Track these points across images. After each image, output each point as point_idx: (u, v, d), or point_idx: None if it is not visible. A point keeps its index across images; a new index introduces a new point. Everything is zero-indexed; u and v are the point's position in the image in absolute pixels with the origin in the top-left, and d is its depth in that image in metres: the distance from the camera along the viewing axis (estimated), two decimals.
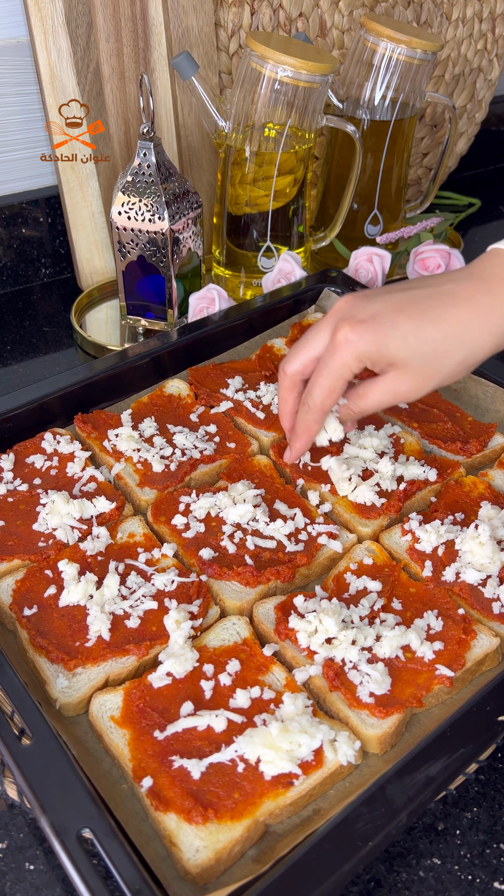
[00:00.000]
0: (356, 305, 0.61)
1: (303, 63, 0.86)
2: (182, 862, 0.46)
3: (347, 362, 0.60)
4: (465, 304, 0.59)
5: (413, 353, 0.59)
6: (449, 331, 0.59)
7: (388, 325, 0.59)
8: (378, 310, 0.60)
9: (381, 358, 0.60)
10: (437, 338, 0.59)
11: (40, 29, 0.90)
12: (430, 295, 0.60)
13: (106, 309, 1.05)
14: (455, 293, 0.60)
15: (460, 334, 0.59)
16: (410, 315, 0.59)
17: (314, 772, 0.51)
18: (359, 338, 0.59)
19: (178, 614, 0.59)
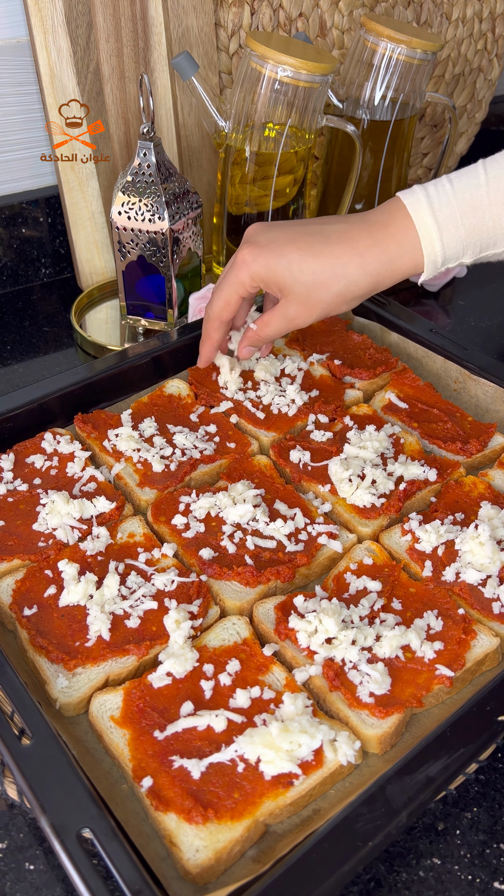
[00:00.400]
0: (258, 232, 0.70)
1: (303, 63, 0.86)
2: (182, 862, 0.46)
3: (242, 279, 0.69)
4: (346, 243, 0.66)
5: (296, 281, 0.67)
6: (328, 264, 0.66)
7: (278, 252, 0.67)
8: (274, 237, 0.68)
9: (271, 281, 0.68)
10: (316, 269, 0.66)
11: (40, 29, 0.90)
12: (320, 231, 0.67)
13: (106, 309, 1.05)
14: (341, 232, 0.67)
15: (338, 269, 0.66)
16: (298, 246, 0.67)
17: (314, 772, 0.51)
18: (253, 259, 0.68)
19: (178, 614, 0.59)
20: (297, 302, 0.68)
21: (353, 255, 0.66)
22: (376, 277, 0.66)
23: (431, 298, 1.12)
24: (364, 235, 0.66)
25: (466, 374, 0.83)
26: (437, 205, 0.64)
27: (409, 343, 0.88)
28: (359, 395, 0.84)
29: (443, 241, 0.65)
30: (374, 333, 0.91)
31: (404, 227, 0.65)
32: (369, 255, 0.66)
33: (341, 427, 0.79)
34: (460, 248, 0.65)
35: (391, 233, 0.66)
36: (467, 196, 0.64)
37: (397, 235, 0.65)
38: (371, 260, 0.66)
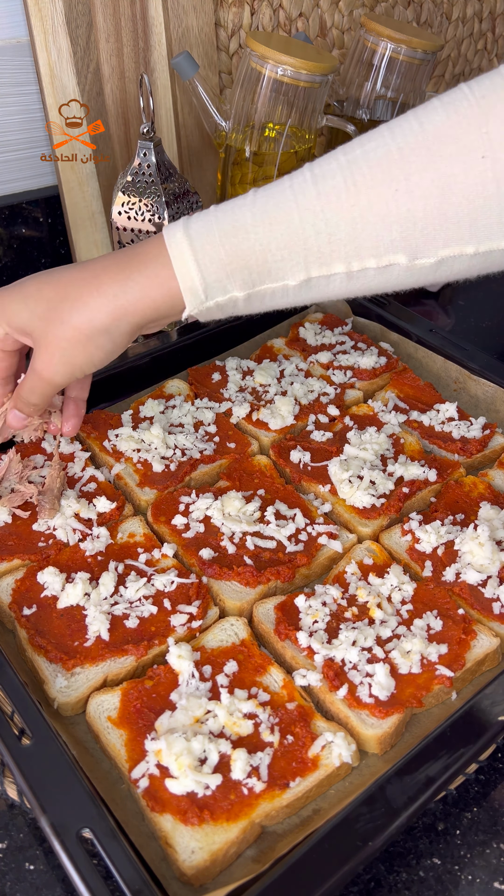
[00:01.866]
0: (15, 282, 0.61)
1: (303, 63, 0.86)
2: (178, 863, 0.46)
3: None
4: (85, 267, 0.57)
5: (31, 315, 0.57)
6: (61, 290, 0.57)
7: (17, 290, 0.58)
8: (20, 280, 0.60)
9: (12, 323, 0.58)
10: (51, 297, 0.57)
11: (40, 29, 0.90)
12: (73, 265, 0.59)
13: None
14: (92, 262, 0.58)
15: (73, 295, 0.56)
16: (39, 280, 0.58)
17: (310, 774, 0.51)
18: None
19: (177, 616, 0.59)
20: (38, 347, 0.58)
21: (90, 278, 0.56)
22: (116, 301, 0.55)
23: (431, 298, 1.11)
24: (106, 259, 0.58)
25: (466, 374, 0.83)
26: (194, 228, 0.55)
27: (409, 343, 0.88)
28: (359, 395, 0.84)
29: (197, 260, 0.54)
30: (373, 333, 0.91)
31: (152, 247, 0.56)
32: (105, 275, 0.56)
33: (341, 427, 0.79)
34: (223, 276, 0.55)
35: (136, 253, 0.57)
36: (229, 217, 0.55)
37: (141, 255, 0.56)
38: (107, 282, 0.56)
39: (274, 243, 0.53)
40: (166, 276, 0.55)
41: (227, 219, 0.54)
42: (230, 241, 0.54)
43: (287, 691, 0.55)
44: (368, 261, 0.53)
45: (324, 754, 0.52)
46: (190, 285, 0.55)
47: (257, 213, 0.54)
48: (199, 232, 0.54)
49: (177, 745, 0.50)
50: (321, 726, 0.53)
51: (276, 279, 0.55)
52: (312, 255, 0.53)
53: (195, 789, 0.49)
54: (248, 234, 0.54)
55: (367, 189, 0.51)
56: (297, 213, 0.53)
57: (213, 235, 0.54)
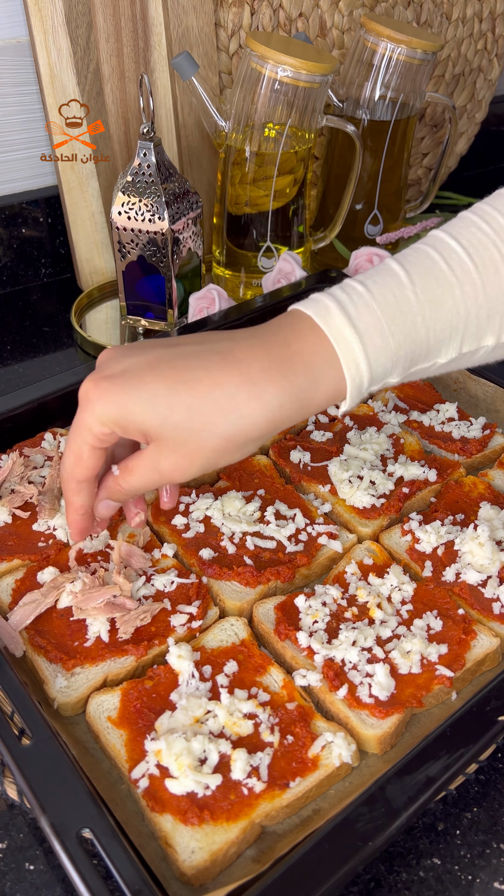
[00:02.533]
0: (112, 358, 0.51)
1: (303, 63, 0.86)
2: (178, 863, 0.46)
3: (88, 424, 0.50)
4: (233, 366, 0.48)
5: (164, 422, 0.48)
6: (207, 397, 0.47)
7: (135, 384, 0.48)
8: (131, 365, 0.49)
9: (128, 422, 0.49)
10: (191, 404, 0.47)
11: (40, 29, 0.90)
12: (196, 353, 0.49)
13: (106, 309, 1.05)
14: (226, 353, 0.49)
15: (223, 402, 0.48)
16: (163, 374, 0.48)
17: (310, 774, 0.51)
18: (99, 396, 0.49)
19: (177, 616, 0.59)
20: (169, 449, 0.49)
21: (242, 381, 0.48)
22: (278, 412, 0.48)
23: None
24: (258, 355, 0.49)
25: (466, 374, 0.83)
26: (353, 311, 0.49)
27: None
28: None
29: (368, 356, 0.49)
30: None
31: (313, 344, 0.49)
32: (266, 382, 0.48)
33: (341, 427, 0.79)
34: (390, 365, 0.50)
35: (295, 352, 0.49)
36: (390, 298, 0.50)
37: (304, 355, 0.49)
38: (269, 388, 0.48)
39: (439, 324, 0.50)
40: (334, 377, 0.49)
41: (389, 301, 0.50)
42: (398, 327, 0.49)
43: (287, 691, 0.55)
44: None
45: (324, 754, 0.52)
46: (357, 381, 0.50)
47: (420, 294, 0.50)
48: (364, 321, 0.49)
49: (177, 746, 0.50)
50: (321, 726, 0.54)
51: (431, 359, 0.52)
52: (470, 330, 0.51)
53: (195, 789, 0.49)
54: (415, 318, 0.50)
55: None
56: (460, 290, 0.50)
57: (380, 324, 0.49)
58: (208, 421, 0.48)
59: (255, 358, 0.49)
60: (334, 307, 0.50)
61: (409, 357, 0.51)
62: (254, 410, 0.48)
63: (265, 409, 0.48)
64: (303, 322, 0.50)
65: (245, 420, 0.48)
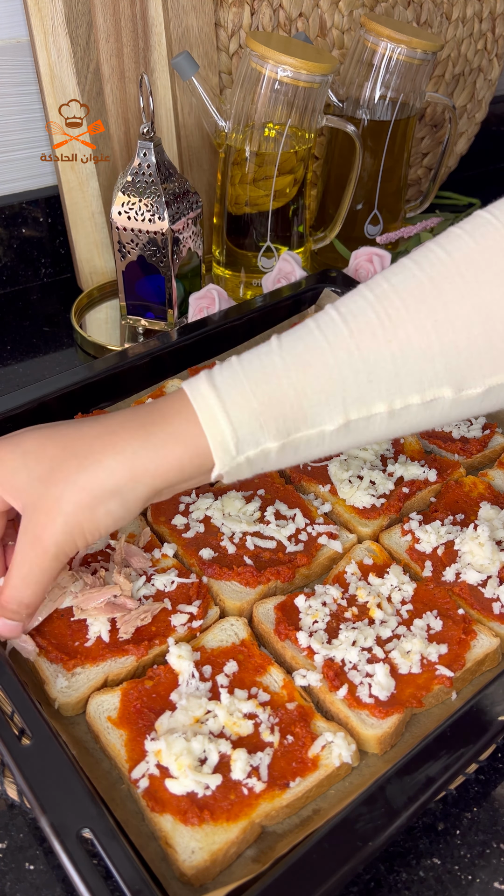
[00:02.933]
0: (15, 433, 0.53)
1: (303, 63, 0.86)
2: (178, 863, 0.46)
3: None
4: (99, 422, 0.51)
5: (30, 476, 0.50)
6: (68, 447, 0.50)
7: (11, 445, 0.51)
8: (21, 432, 0.53)
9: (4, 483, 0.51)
10: (54, 455, 0.50)
11: (40, 29, 0.90)
12: (83, 420, 0.53)
13: (106, 309, 1.05)
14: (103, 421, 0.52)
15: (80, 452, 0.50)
16: (42, 434, 0.51)
17: (310, 774, 0.51)
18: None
19: (177, 616, 0.59)
20: (33, 509, 0.50)
21: (102, 432, 0.51)
22: (134, 461, 0.49)
23: None
24: (125, 414, 0.52)
25: None
26: (216, 373, 0.50)
27: None
28: None
29: (227, 412, 0.49)
30: None
31: (174, 402, 0.51)
32: (122, 431, 0.50)
33: None
34: (256, 427, 0.49)
35: (156, 408, 0.51)
36: (256, 364, 0.50)
37: (163, 410, 0.51)
38: (124, 435, 0.50)
39: (310, 387, 0.49)
40: (193, 434, 0.50)
41: (254, 366, 0.50)
42: (261, 388, 0.49)
43: (287, 691, 0.55)
44: (412, 397, 0.50)
45: (324, 754, 0.52)
46: (220, 440, 0.49)
47: (287, 357, 0.50)
48: (225, 382, 0.50)
49: (177, 746, 0.50)
50: (321, 726, 0.54)
51: (313, 425, 0.50)
52: (351, 395, 0.50)
53: (195, 789, 0.49)
54: (280, 380, 0.49)
55: (403, 322, 0.49)
56: (332, 354, 0.49)
57: (241, 384, 0.49)
58: (68, 471, 0.49)
59: (119, 416, 0.52)
60: (202, 375, 0.51)
61: (281, 420, 0.50)
62: (109, 459, 0.49)
63: (122, 456, 0.49)
64: (176, 392, 0.52)
65: (102, 468, 0.49)
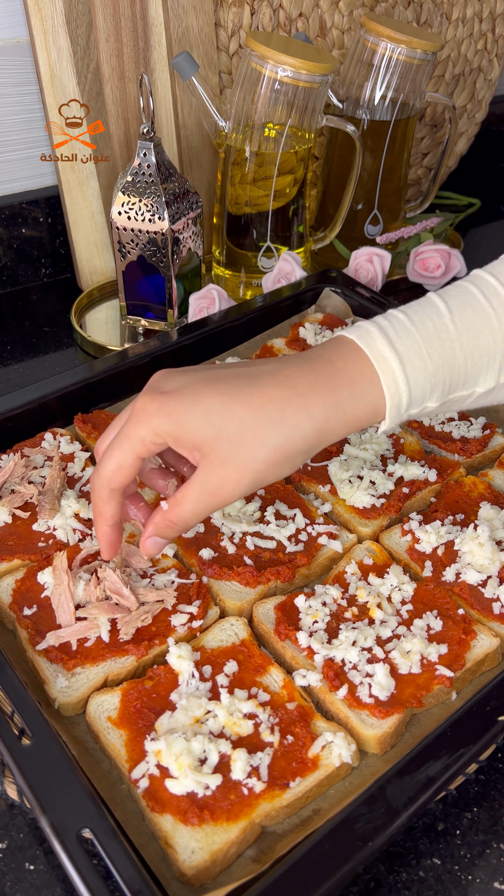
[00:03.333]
0: (166, 378, 0.54)
1: (303, 63, 0.86)
2: (178, 863, 0.46)
3: (141, 434, 0.52)
4: (283, 382, 0.52)
5: (217, 434, 0.50)
6: (259, 409, 0.50)
7: (191, 399, 0.51)
8: (186, 382, 0.52)
9: (183, 436, 0.51)
10: (245, 416, 0.50)
11: (40, 29, 0.90)
12: (248, 373, 0.53)
13: (106, 309, 1.05)
14: (275, 371, 0.52)
15: (274, 414, 0.50)
16: (219, 389, 0.51)
17: (310, 774, 0.51)
18: (157, 409, 0.51)
19: (177, 616, 0.59)
20: (220, 464, 0.50)
21: (292, 395, 0.51)
22: (324, 424, 0.51)
23: None
24: (305, 373, 0.52)
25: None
26: (394, 335, 0.53)
27: None
28: None
29: (407, 376, 0.52)
30: None
31: (356, 363, 0.52)
32: (313, 395, 0.51)
33: None
34: (428, 387, 0.53)
35: (339, 369, 0.52)
36: (429, 324, 0.53)
37: (348, 372, 0.52)
38: (317, 401, 0.51)
39: (477, 352, 0.54)
40: (375, 395, 0.52)
41: (429, 328, 0.53)
42: (437, 352, 0.53)
43: (287, 691, 0.55)
44: None
45: (324, 754, 0.52)
46: (397, 401, 0.53)
47: (458, 322, 0.54)
48: (405, 345, 0.52)
49: (177, 746, 0.50)
50: (321, 726, 0.54)
51: (469, 386, 0.55)
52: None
53: (195, 789, 0.49)
54: (453, 345, 0.53)
55: None
56: (497, 321, 0.53)
57: (419, 348, 0.53)
58: (260, 432, 0.50)
59: (302, 374, 0.52)
60: (376, 331, 0.53)
61: (448, 382, 0.54)
62: (302, 421, 0.51)
63: (314, 420, 0.51)
64: (347, 345, 0.53)
65: (295, 430, 0.51)
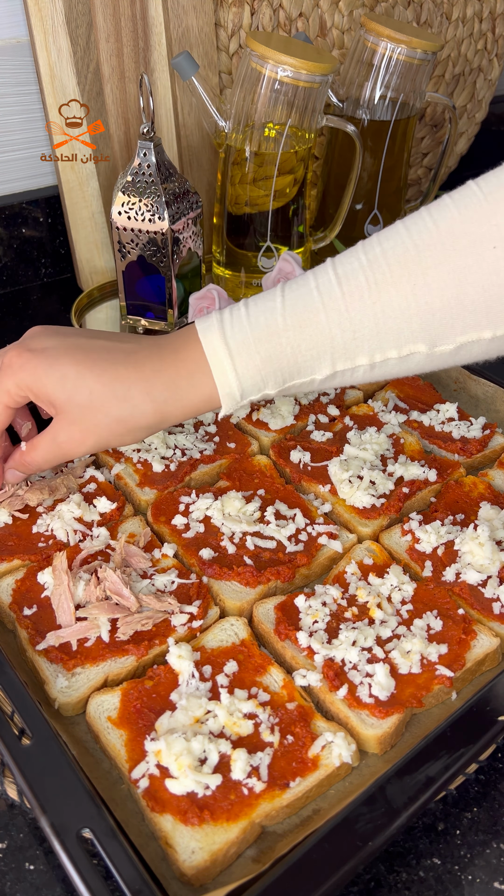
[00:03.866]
0: (37, 336, 0.60)
1: (303, 63, 0.86)
2: (178, 863, 0.46)
3: (7, 387, 0.59)
4: (133, 364, 0.58)
5: (69, 399, 0.57)
6: (108, 385, 0.57)
7: (51, 362, 0.57)
8: (52, 345, 0.59)
9: (40, 391, 0.58)
10: (94, 388, 0.57)
11: (40, 29, 0.90)
12: (107, 347, 0.59)
13: (106, 309, 1.05)
14: (129, 352, 0.58)
15: (119, 391, 0.57)
16: (76, 359, 0.57)
17: (310, 774, 0.51)
18: (20, 366, 0.58)
19: (177, 616, 0.59)
20: (68, 423, 0.58)
21: (138, 377, 0.57)
22: (163, 406, 0.58)
23: None
24: (153, 358, 0.58)
25: (466, 374, 0.83)
26: (229, 331, 0.57)
27: None
28: (359, 395, 0.84)
29: (236, 369, 0.57)
30: None
31: (195, 354, 0.58)
32: (156, 379, 0.57)
33: (341, 427, 0.79)
34: (259, 379, 0.57)
35: (180, 358, 0.58)
36: (261, 321, 0.57)
37: (187, 362, 0.58)
38: (157, 385, 0.57)
39: (304, 344, 0.56)
40: (208, 385, 0.57)
41: (260, 322, 0.57)
42: (265, 346, 0.56)
43: (287, 691, 0.55)
44: (390, 352, 0.56)
45: (324, 754, 0.52)
46: (228, 391, 0.57)
47: (288, 317, 0.56)
48: (233, 336, 0.57)
49: (176, 746, 0.50)
50: (321, 726, 0.54)
51: (305, 375, 0.58)
52: (339, 351, 0.56)
53: (195, 789, 0.49)
54: (280, 339, 0.56)
55: (387, 286, 0.55)
56: (325, 315, 0.56)
57: (248, 343, 0.56)
58: (105, 404, 0.57)
59: (150, 359, 0.58)
60: (216, 325, 0.57)
61: (279, 373, 0.57)
62: (143, 402, 0.57)
63: (154, 402, 0.58)
64: (192, 335, 0.58)
65: (136, 409, 0.58)
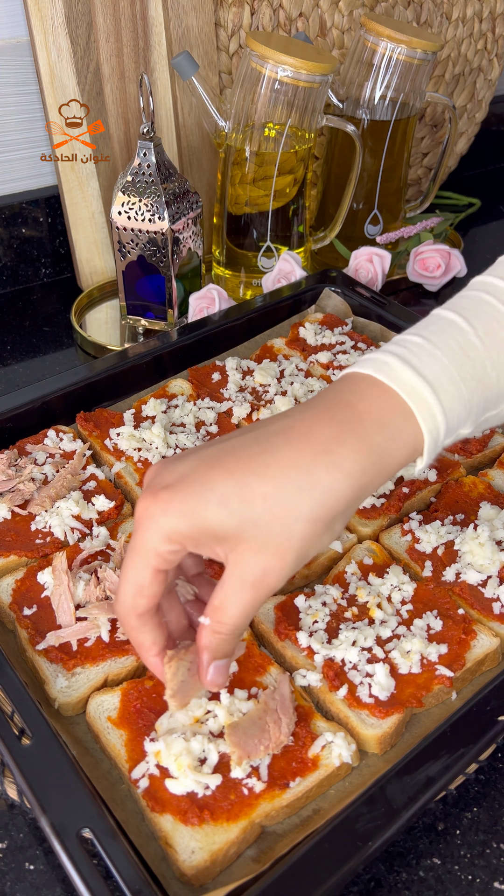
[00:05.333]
0: (163, 469, 0.45)
1: (303, 63, 0.86)
2: (178, 863, 0.46)
3: (151, 544, 0.44)
4: (299, 440, 0.44)
5: (242, 520, 0.42)
6: (282, 479, 0.42)
7: (199, 487, 0.43)
8: (188, 469, 0.44)
9: (202, 533, 0.43)
10: (267, 493, 0.42)
11: (40, 29, 0.90)
12: (255, 439, 0.44)
13: (106, 309, 1.05)
14: (288, 429, 0.44)
15: (299, 481, 0.42)
16: (228, 468, 0.43)
17: (310, 774, 0.51)
18: (163, 510, 0.43)
19: None
20: (254, 552, 0.43)
21: (315, 453, 0.43)
22: (361, 478, 0.44)
23: (431, 298, 1.11)
24: (324, 423, 0.44)
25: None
26: (417, 361, 0.46)
27: None
28: None
29: (442, 405, 0.45)
30: (373, 333, 0.91)
31: (382, 401, 0.45)
32: (341, 448, 0.43)
33: None
34: (464, 413, 0.47)
35: (363, 411, 0.45)
36: (452, 344, 0.47)
37: (374, 413, 0.45)
38: (347, 454, 0.43)
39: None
40: (411, 433, 0.45)
41: (452, 347, 0.46)
42: (468, 373, 0.46)
43: None
44: None
45: (324, 754, 0.52)
46: (434, 434, 0.46)
47: (483, 336, 0.47)
48: (432, 371, 0.45)
49: (176, 746, 0.50)
50: (321, 726, 0.54)
51: (499, 405, 0.49)
52: None
53: (195, 789, 0.49)
54: (484, 363, 0.47)
55: None
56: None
57: (450, 372, 0.46)
58: (291, 506, 0.42)
59: (321, 426, 0.44)
60: (394, 361, 0.46)
61: (483, 403, 0.47)
62: (336, 482, 0.43)
63: (348, 477, 0.43)
64: (362, 381, 0.46)
65: (330, 494, 0.43)
